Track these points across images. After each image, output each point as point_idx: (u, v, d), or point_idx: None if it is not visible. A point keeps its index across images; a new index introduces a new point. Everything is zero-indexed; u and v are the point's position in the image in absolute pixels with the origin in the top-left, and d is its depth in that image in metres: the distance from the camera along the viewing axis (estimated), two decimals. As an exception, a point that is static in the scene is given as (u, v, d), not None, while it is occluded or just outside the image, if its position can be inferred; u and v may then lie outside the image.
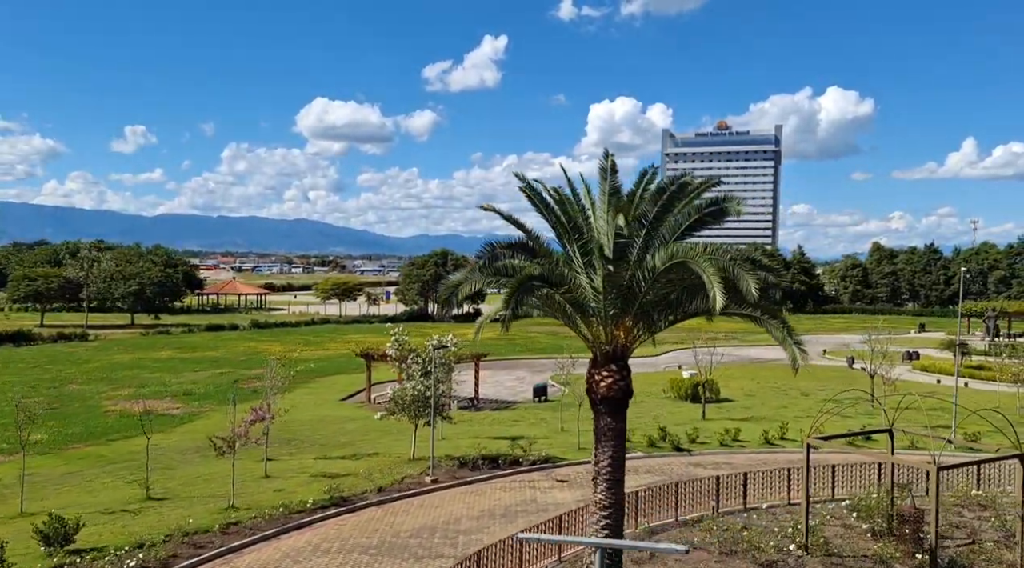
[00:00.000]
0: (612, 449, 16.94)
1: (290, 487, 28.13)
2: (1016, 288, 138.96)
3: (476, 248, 18.30)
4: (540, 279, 15.47)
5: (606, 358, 16.92)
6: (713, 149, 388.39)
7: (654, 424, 44.63)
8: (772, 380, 65.83)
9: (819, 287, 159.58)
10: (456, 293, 16.10)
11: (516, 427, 43.84)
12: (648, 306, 16.84)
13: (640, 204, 16.67)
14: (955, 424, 39.95)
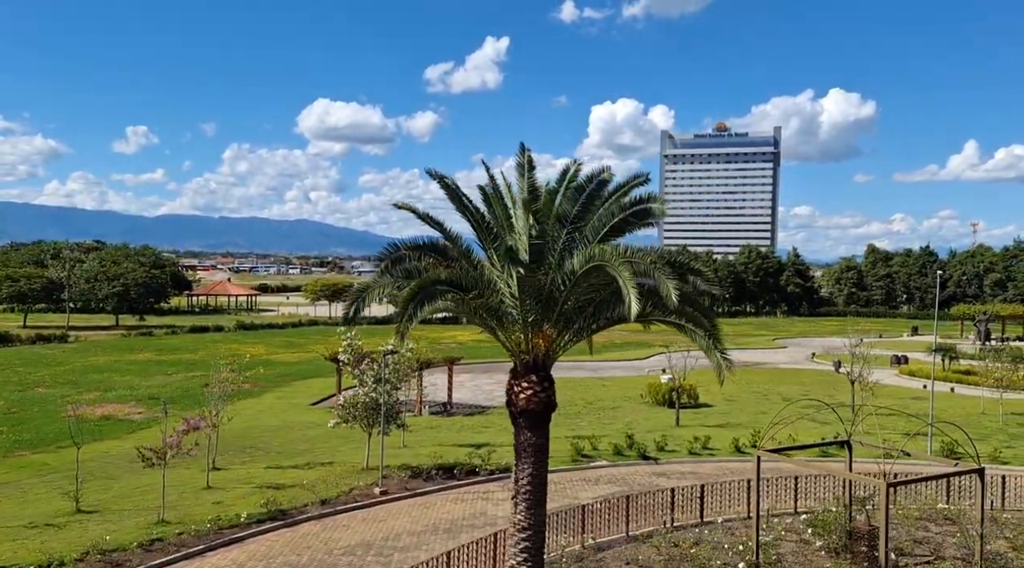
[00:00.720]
0: (532, 466, 15.85)
1: (230, 499, 27.01)
2: (1012, 291, 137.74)
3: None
4: (447, 283, 14.36)
5: (526, 368, 15.85)
6: (712, 151, 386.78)
7: (625, 430, 43.58)
8: (757, 384, 64.73)
9: (814, 289, 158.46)
10: (362, 300, 14.98)
11: (484, 433, 42.77)
12: (570, 312, 15.77)
13: (562, 203, 15.57)
14: (931, 433, 38.81)
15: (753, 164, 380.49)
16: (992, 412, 50.13)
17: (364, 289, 14.93)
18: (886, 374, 73.60)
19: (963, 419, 48.90)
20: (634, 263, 14.22)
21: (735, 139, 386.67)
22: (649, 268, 14.14)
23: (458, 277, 14.46)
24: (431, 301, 14.13)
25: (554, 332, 15.76)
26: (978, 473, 20.73)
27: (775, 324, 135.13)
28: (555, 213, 15.44)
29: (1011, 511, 28.06)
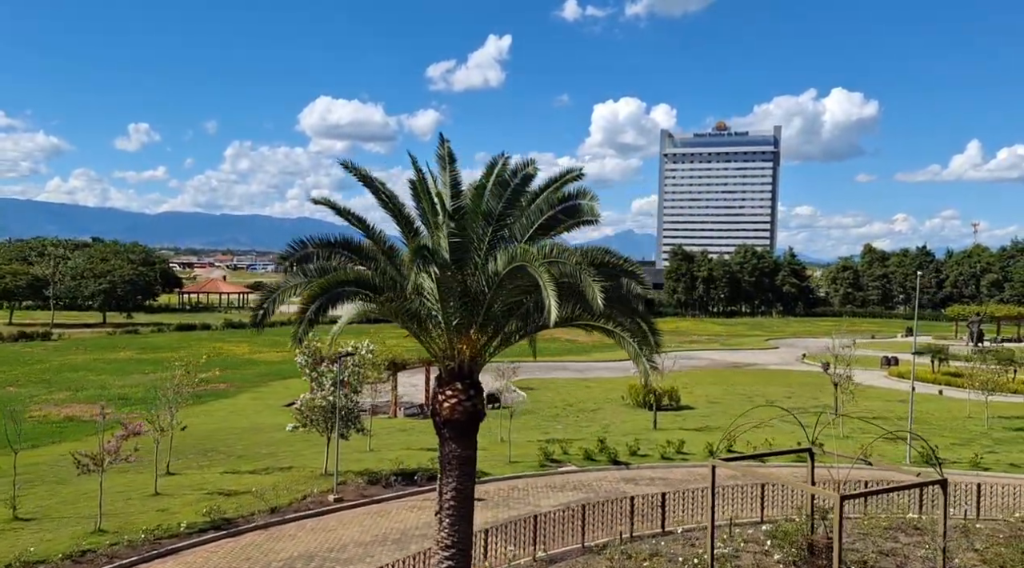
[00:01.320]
0: (457, 480, 14.90)
1: (176, 507, 26.10)
2: (1008, 292, 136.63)
3: None
4: (356, 283, 13.42)
5: (451, 375, 14.92)
6: (711, 150, 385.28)
7: (601, 433, 42.65)
8: (742, 386, 63.81)
9: (810, 290, 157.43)
10: (272, 303, 14.03)
11: (456, 437, 41.83)
12: (499, 316, 14.85)
13: (488, 199, 14.65)
14: (910, 440, 37.86)
15: (753, 163, 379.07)
16: (979, 416, 49.20)
17: (274, 290, 13.96)
18: (876, 376, 72.69)
19: (948, 423, 48.02)
20: (560, 264, 13.31)
21: (735, 138, 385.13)
22: (575, 270, 13.21)
23: (369, 277, 13.52)
24: (337, 303, 13.21)
25: (481, 337, 14.84)
26: (940, 485, 19.75)
27: (770, 324, 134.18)
28: (480, 210, 14.50)
29: (986, 521, 27.09)
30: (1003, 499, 28.52)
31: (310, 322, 12.80)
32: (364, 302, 14.29)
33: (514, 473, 32.61)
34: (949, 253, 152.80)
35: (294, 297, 13.95)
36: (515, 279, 13.90)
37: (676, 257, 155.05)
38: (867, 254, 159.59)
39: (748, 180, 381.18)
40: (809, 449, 23.48)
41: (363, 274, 13.57)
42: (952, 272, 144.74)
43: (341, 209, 14.91)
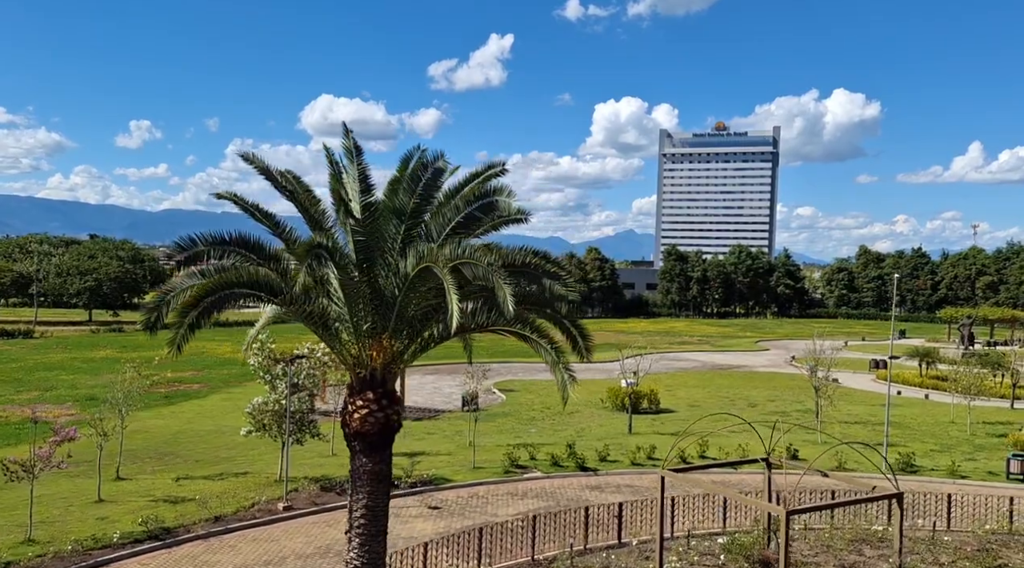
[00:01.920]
0: (368, 496, 14.01)
1: (117, 515, 25.24)
2: (1004, 294, 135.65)
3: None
4: (248, 285, 12.52)
5: (363, 383, 14.03)
6: (710, 150, 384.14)
7: (575, 437, 41.77)
8: (726, 389, 62.89)
9: (804, 291, 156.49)
10: (166, 306, 13.10)
11: (425, 441, 40.99)
12: (413, 320, 13.94)
13: (400, 195, 13.77)
14: (886, 446, 37.00)
15: (752, 164, 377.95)
16: (962, 421, 48.34)
17: (169, 293, 13.03)
18: (864, 379, 71.79)
19: (931, 429, 47.14)
20: (472, 265, 12.42)
21: (734, 138, 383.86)
22: (487, 271, 12.32)
23: (264, 278, 12.60)
24: (223, 306, 12.31)
25: (394, 343, 13.94)
26: (896, 499, 18.88)
27: (763, 326, 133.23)
28: (392, 207, 13.61)
29: (955, 532, 26.20)
30: (975, 509, 27.64)
31: (191, 327, 11.91)
32: (270, 305, 13.37)
33: (477, 479, 31.75)
34: (944, 255, 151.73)
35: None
36: (426, 280, 13.03)
37: (670, 257, 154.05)
38: (862, 256, 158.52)
39: (747, 180, 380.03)
40: (766, 459, 22.60)
41: (257, 274, 12.64)
42: (947, 274, 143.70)
43: (246, 204, 14.02)
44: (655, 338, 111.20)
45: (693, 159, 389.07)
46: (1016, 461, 34.79)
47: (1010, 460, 35.03)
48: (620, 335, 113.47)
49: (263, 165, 13.49)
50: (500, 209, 13.74)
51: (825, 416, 51.07)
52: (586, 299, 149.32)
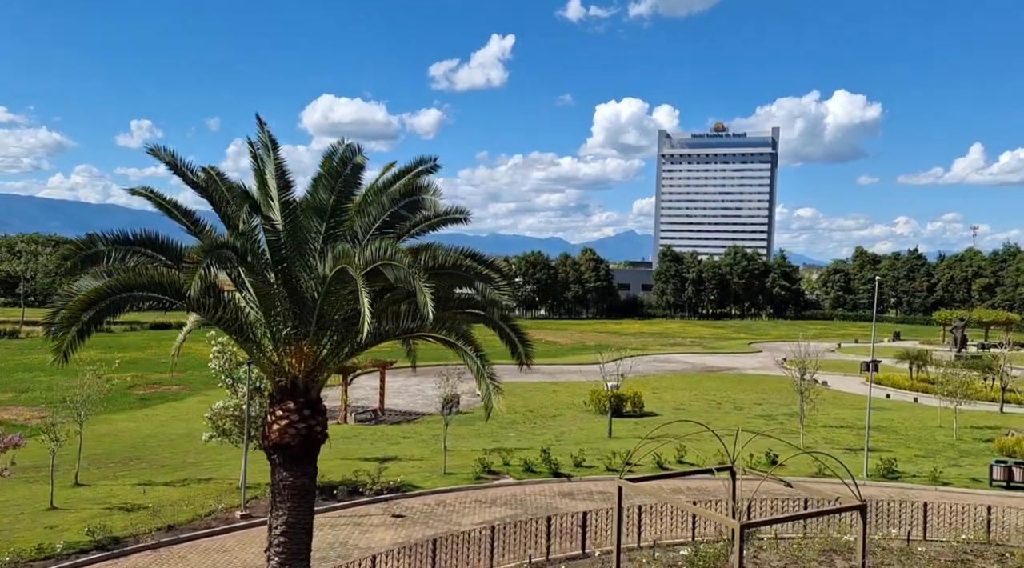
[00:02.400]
0: (289, 513, 13.29)
1: (68, 523, 24.51)
2: (1000, 296, 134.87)
3: (480, 247, 14.69)
4: (148, 287, 11.80)
5: (283, 393, 13.31)
6: (709, 151, 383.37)
7: (553, 441, 41.10)
8: (713, 391, 62.15)
9: (800, 292, 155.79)
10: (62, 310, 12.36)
11: (401, 445, 40.30)
12: (340, 325, 13.23)
13: (320, 192, 13.07)
14: (867, 452, 36.28)
15: (751, 165, 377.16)
16: (950, 425, 47.67)
17: (69, 298, 12.29)
18: (855, 381, 71.05)
19: (917, 433, 46.45)
20: (393, 267, 11.71)
21: (733, 139, 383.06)
22: (408, 274, 11.62)
23: (169, 280, 11.87)
24: (119, 311, 11.60)
25: (316, 349, 13.22)
26: (859, 510, 18.17)
27: (757, 327, 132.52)
28: (314, 204, 12.91)
29: (932, 542, 25.53)
30: (952, 518, 26.94)
31: (80, 333, 11.20)
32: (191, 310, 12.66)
33: (446, 486, 31.05)
34: (941, 257, 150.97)
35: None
36: (345, 283, 12.34)
37: (665, 258, 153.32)
38: (858, 257, 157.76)
39: (746, 181, 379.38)
40: (730, 467, 21.89)
41: (161, 276, 11.90)
42: (943, 276, 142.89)
43: (161, 200, 13.32)
44: (648, 339, 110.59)
45: (692, 160, 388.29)
46: (999, 468, 34.08)
47: (993, 466, 34.32)
48: (613, 336, 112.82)
49: (169, 159, 12.78)
50: (426, 207, 13.04)
51: (811, 420, 50.36)
52: (581, 300, 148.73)
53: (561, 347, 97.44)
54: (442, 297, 12.11)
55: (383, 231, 13.30)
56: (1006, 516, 27.44)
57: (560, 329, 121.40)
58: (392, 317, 13.10)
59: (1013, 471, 33.96)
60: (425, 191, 13.05)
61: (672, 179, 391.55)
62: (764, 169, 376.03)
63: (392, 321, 13.04)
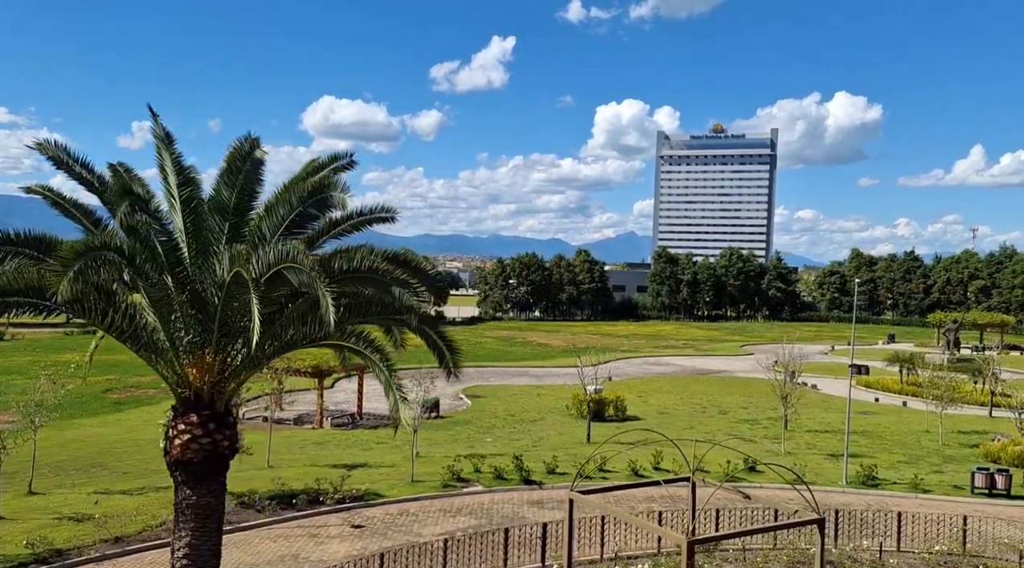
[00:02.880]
0: (192, 534, 12.49)
1: (13, 534, 23.69)
2: (997, 298, 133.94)
3: (480, 249, 13.71)
4: (18, 292, 10.98)
5: (185, 405, 12.51)
6: (708, 152, 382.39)
7: (530, 447, 40.33)
8: (700, 395, 61.32)
9: (796, 294, 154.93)
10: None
11: (372, 451, 39.50)
12: (241, 332, 12.42)
13: (221, 189, 12.27)
14: (846, 458, 35.46)
15: (750, 166, 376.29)
16: (938, 429, 46.95)
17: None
18: (844, 384, 70.15)
19: (902, 438, 45.66)
20: (295, 270, 10.92)
21: (731, 141, 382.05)
22: (310, 277, 10.82)
23: (38, 283, 11.04)
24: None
25: (221, 358, 12.43)
26: (817, 525, 17.34)
27: (752, 329, 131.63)
28: (218, 203, 12.14)
29: (905, 554, 24.74)
30: (927, 527, 26.15)
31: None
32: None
33: (413, 494, 30.22)
34: (937, 259, 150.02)
35: None
36: (245, 288, 11.52)
37: (660, 260, 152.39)
38: (855, 259, 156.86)
39: (745, 183, 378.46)
40: (689, 478, 21.07)
41: (28, 279, 11.06)
42: (940, 278, 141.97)
43: (59, 197, 12.53)
44: (640, 341, 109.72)
45: (691, 161, 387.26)
46: (980, 475, 33.27)
47: (975, 474, 33.51)
48: (605, 338, 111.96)
49: (55, 153, 11.99)
50: (335, 205, 12.27)
51: (797, 424, 49.61)
52: (575, 302, 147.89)
53: (552, 349, 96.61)
54: (357, 303, 11.31)
55: (294, 231, 12.54)
56: (984, 526, 26.67)
57: (553, 331, 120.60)
58: (299, 324, 12.31)
59: (995, 478, 33.16)
60: (332, 188, 12.25)
61: (671, 180, 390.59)
62: (763, 170, 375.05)
63: (299, 328, 12.25)
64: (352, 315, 11.76)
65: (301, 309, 12.56)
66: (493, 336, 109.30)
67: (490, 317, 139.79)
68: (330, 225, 12.95)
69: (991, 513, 30.82)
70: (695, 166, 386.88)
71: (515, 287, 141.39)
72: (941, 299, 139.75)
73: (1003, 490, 33.05)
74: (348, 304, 11.43)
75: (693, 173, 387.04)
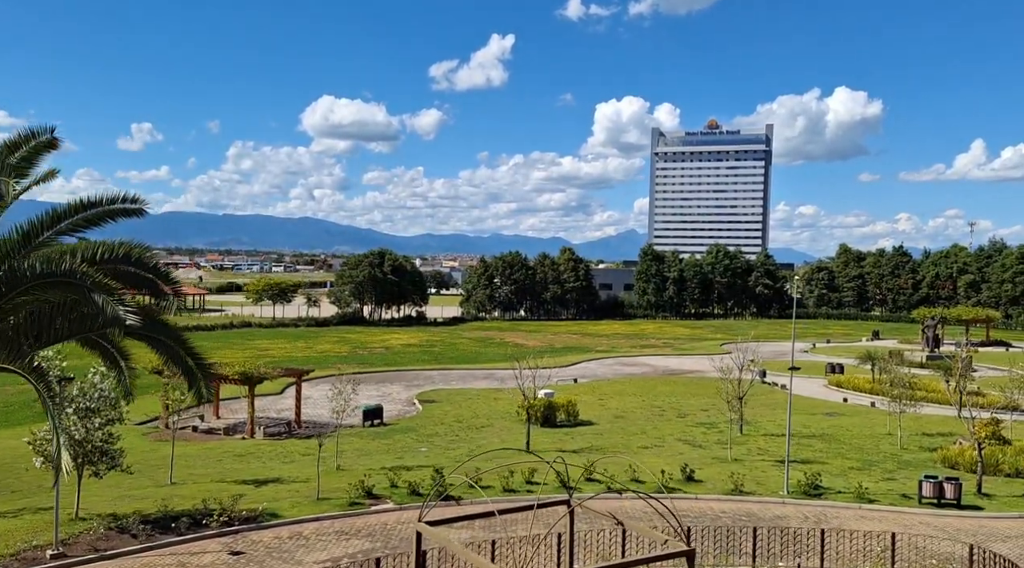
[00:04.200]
0: None
1: None
2: (986, 293, 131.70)
3: (482, 248, 11.70)
4: None
5: None
6: (703, 149, 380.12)
7: (466, 456, 38.25)
8: (664, 397, 59.27)
9: (784, 291, 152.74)
10: None
11: (294, 464, 37.48)
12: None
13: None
14: (787, 465, 33.36)
15: (744, 162, 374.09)
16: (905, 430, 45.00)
17: None
18: (815, 384, 68.17)
19: (861, 442, 43.63)
20: None
21: (726, 137, 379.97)
22: None
23: None
24: None
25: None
26: (687, 557, 15.30)
27: (737, 327, 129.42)
28: None
29: (829, 577, 22.72)
30: (854, 543, 24.15)
31: None
32: None
33: (313, 514, 28.15)
34: (926, 253, 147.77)
35: None
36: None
37: (647, 257, 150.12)
38: (842, 254, 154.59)
39: (740, 179, 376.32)
40: (567, 500, 19.01)
41: None
42: (928, 273, 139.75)
43: None
44: (621, 340, 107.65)
45: (686, 158, 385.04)
46: (928, 484, 31.26)
47: (922, 482, 31.51)
48: (585, 338, 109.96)
49: None
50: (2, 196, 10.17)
51: (754, 428, 47.68)
52: (560, 301, 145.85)
53: (527, 349, 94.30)
54: (35, 319, 9.25)
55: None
56: (925, 541, 24.76)
57: (534, 331, 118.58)
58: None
59: (944, 487, 31.15)
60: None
61: (666, 177, 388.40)
62: (758, 166, 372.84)
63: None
64: (30, 335, 9.73)
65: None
66: (471, 337, 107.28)
67: (472, 317, 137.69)
68: (53, 219, 10.89)
69: (937, 525, 28.86)
70: (690, 163, 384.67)
71: (499, 286, 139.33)
72: (930, 294, 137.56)
73: (952, 500, 31.07)
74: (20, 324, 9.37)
75: (688, 170, 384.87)
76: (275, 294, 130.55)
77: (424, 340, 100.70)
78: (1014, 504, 31.52)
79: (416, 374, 71.11)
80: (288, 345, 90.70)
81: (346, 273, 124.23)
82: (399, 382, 65.69)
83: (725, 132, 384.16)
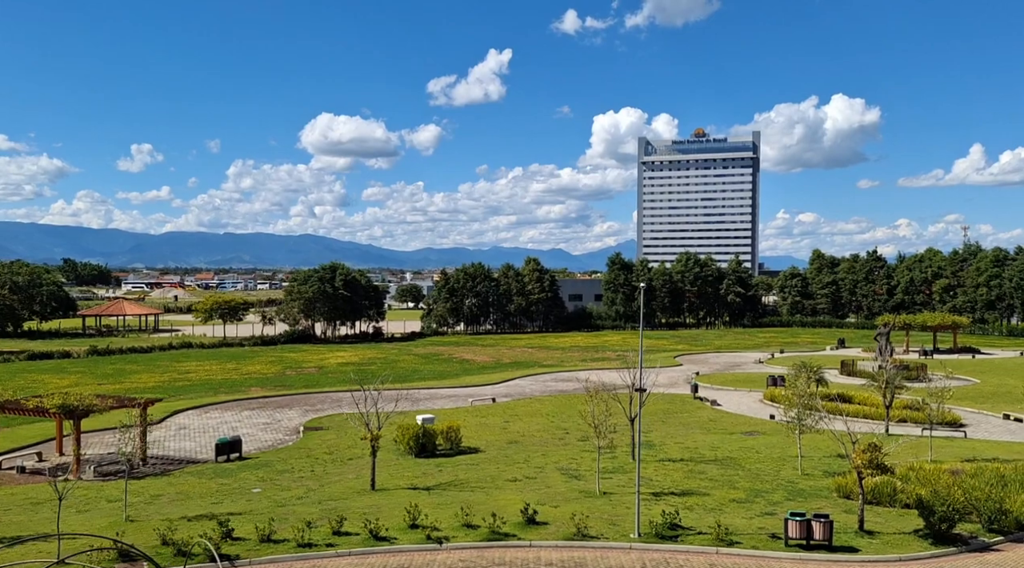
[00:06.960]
0: None
1: None
2: (961, 298, 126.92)
3: (481, 260, 7.12)
4: None
5: None
6: (690, 157, 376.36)
7: (297, 498, 33.58)
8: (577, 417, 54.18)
9: (757, 299, 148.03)
10: None
11: (84, 514, 32.32)
12: None
13: None
14: (638, 499, 28.62)
15: (732, 170, 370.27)
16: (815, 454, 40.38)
17: None
18: (751, 399, 63.48)
19: (766, 465, 38.98)
20: None
21: (713, 145, 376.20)
22: None
23: None
24: None
25: None
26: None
27: (705, 337, 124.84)
28: None
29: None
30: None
31: None
32: None
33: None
34: (900, 258, 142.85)
35: None
36: None
37: (613, 266, 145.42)
38: (816, 260, 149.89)
39: (728, 187, 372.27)
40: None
41: None
42: (903, 278, 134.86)
43: None
44: (577, 353, 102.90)
45: (673, 166, 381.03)
46: (794, 522, 26.62)
47: (788, 521, 26.83)
48: (541, 351, 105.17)
49: None
50: None
51: (659, 450, 43.20)
52: (525, 313, 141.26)
53: (472, 365, 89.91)
54: None
55: None
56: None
57: (491, 345, 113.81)
58: None
59: (812, 527, 26.53)
60: None
61: (654, 187, 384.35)
62: (746, 174, 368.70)
63: None
64: None
65: None
66: (418, 353, 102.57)
67: (432, 332, 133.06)
68: None
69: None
70: (678, 172, 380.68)
71: (459, 300, 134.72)
72: (905, 300, 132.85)
73: (823, 541, 26.41)
74: None
75: (676, 179, 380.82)
76: (224, 312, 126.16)
77: (367, 358, 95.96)
78: (897, 544, 26.86)
79: (327, 396, 66.56)
80: (216, 367, 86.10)
81: (295, 289, 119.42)
82: (302, 406, 61.06)
83: (712, 140, 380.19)
